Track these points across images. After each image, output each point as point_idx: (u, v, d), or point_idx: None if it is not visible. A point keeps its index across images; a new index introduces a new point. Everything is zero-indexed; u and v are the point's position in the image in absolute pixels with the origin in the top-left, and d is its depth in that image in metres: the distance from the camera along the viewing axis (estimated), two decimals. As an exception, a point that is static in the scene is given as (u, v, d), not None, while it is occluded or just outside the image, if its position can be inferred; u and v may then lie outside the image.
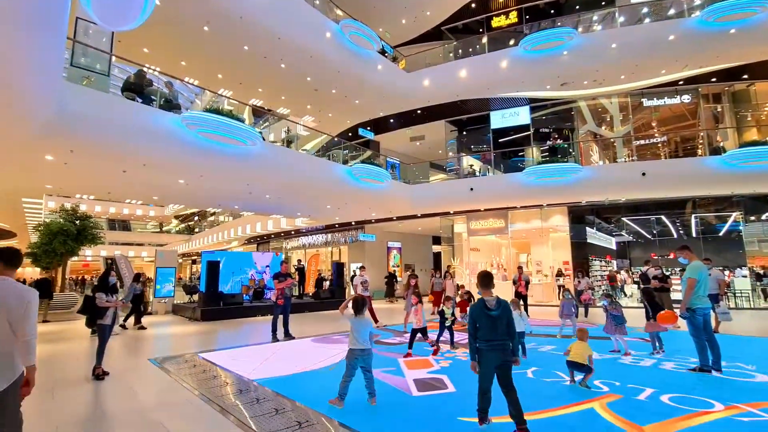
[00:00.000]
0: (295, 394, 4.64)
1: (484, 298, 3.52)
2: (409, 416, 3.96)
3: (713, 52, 12.90)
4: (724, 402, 4.13)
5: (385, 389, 4.82)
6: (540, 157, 15.45)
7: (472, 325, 3.51)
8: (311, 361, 6.47)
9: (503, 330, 3.41)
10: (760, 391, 4.58)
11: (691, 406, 4.06)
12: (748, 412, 3.89)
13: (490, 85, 15.16)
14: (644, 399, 4.31)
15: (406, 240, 22.58)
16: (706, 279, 5.54)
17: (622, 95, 15.70)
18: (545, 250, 17.27)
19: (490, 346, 3.39)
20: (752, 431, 3.47)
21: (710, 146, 14.65)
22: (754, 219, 14.80)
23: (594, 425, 3.63)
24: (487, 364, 3.40)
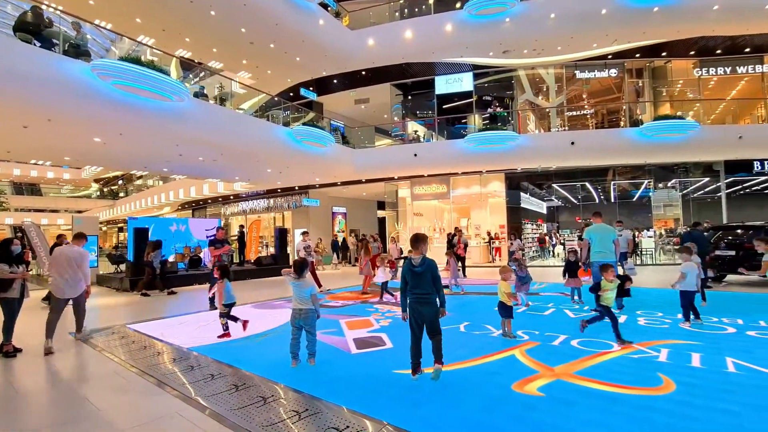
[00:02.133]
0: (234, 359, 4.57)
1: (411, 257, 3.82)
2: (345, 372, 4.09)
3: (639, 28, 13.74)
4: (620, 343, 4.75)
5: (325, 349, 4.91)
6: (481, 125, 15.87)
7: (402, 280, 3.86)
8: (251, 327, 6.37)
9: (428, 284, 3.73)
10: (649, 332, 5.32)
11: (594, 348, 4.61)
12: (639, 350, 4.52)
13: (435, 48, 15.00)
14: (557, 344, 4.82)
15: (351, 205, 22.53)
16: (599, 238, 6.83)
17: (557, 66, 16.38)
18: (484, 215, 18.18)
19: (417, 299, 3.75)
20: (638, 364, 4.05)
21: (631, 119, 15.95)
22: (661, 186, 16.63)
23: (513, 369, 4.01)
24: (416, 315, 3.77)
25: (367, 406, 3.20)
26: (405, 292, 3.84)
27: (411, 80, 17.16)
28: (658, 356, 4.30)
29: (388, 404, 3.24)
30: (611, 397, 3.27)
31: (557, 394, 3.36)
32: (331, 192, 20.23)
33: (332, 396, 3.41)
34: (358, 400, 3.33)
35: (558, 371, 3.88)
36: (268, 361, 4.55)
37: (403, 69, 16.20)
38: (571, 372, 3.85)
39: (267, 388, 3.68)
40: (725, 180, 15.39)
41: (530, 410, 3.07)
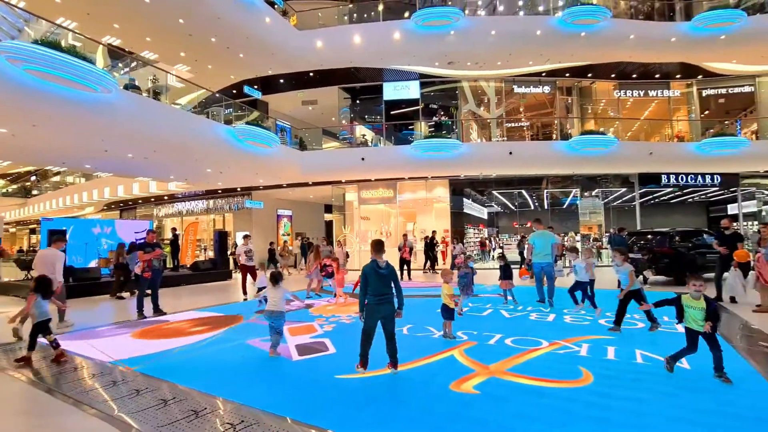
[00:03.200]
0: (163, 372, 4.25)
1: (377, 260, 4.03)
2: (286, 380, 3.99)
3: (569, 50, 15.02)
4: (549, 339, 5.12)
5: (266, 357, 4.76)
6: (427, 132, 16.35)
7: (364, 282, 4.00)
8: (183, 337, 5.98)
9: (389, 286, 4.01)
10: (574, 329, 5.80)
11: (526, 345, 4.93)
12: (564, 345, 4.90)
13: (383, 55, 15.22)
14: (493, 343, 5.08)
15: (298, 208, 22.05)
16: (541, 243, 7.83)
17: (498, 80, 17.36)
18: (429, 219, 18.68)
19: (379, 300, 3.97)
20: (563, 359, 4.40)
21: (561, 132, 17.33)
22: (587, 195, 18.20)
23: (452, 369, 4.16)
24: (374, 314, 3.99)
25: (309, 413, 3.14)
26: (366, 292, 3.99)
27: (359, 85, 17.24)
28: (579, 351, 4.69)
29: (331, 410, 3.21)
30: (538, 391, 3.51)
31: (491, 390, 3.54)
32: (277, 194, 19.66)
33: (272, 405, 3.30)
34: (299, 407, 3.26)
35: (492, 369, 4.09)
36: (204, 371, 4.30)
37: (351, 73, 16.24)
38: (504, 369, 4.08)
39: (201, 400, 3.47)
40: (639, 190, 17.24)
41: (466, 408, 3.20)
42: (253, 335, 5.88)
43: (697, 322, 3.67)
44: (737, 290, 7.56)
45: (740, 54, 15.41)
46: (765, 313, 6.45)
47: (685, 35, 14.32)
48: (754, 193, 18.56)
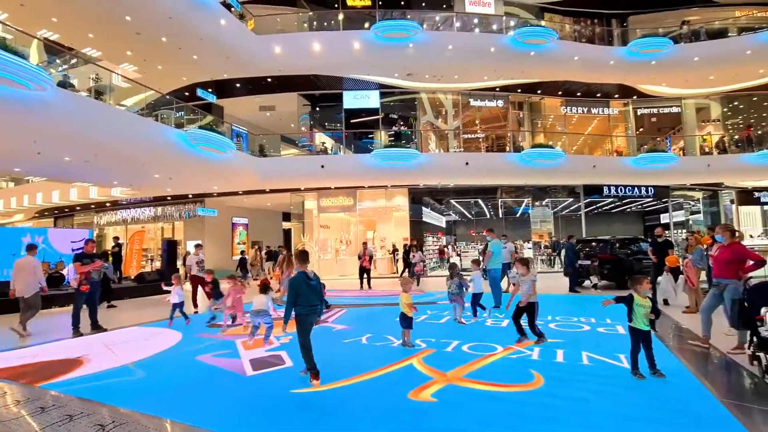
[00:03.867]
0: (101, 394, 3.90)
1: (305, 271, 4.12)
2: (239, 397, 3.80)
3: (520, 68, 15.85)
4: (503, 345, 5.28)
5: (217, 373, 4.53)
6: (387, 141, 16.52)
7: (293, 293, 4.01)
8: (124, 355, 5.54)
9: (318, 296, 4.14)
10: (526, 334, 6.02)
11: (482, 351, 5.05)
12: (517, 350, 5.08)
13: (343, 64, 15.26)
14: (451, 350, 5.16)
15: (254, 216, 21.38)
16: (499, 251, 8.62)
17: (455, 93, 17.95)
18: (389, 228, 18.80)
19: (311, 310, 4.07)
20: (516, 363, 4.55)
21: (514, 145, 18.17)
22: (538, 204, 19.16)
23: (411, 377, 4.16)
24: (306, 325, 4.06)
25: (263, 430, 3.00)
26: (294, 304, 3.99)
27: (319, 92, 17.13)
28: (531, 355, 4.88)
29: (287, 426, 3.09)
30: (494, 396, 3.60)
31: (448, 398, 3.58)
32: (232, 201, 18.95)
33: (224, 425, 3.12)
34: (253, 425, 3.11)
35: (450, 376, 4.14)
36: (149, 391, 4.00)
37: (311, 80, 16.11)
38: (460, 376, 4.14)
39: (147, 423, 3.21)
40: (584, 201, 18.42)
41: (423, 416, 3.21)
42: (204, 351, 5.57)
43: (643, 321, 3.97)
44: (669, 293, 8.24)
45: (668, 78, 17.04)
46: (693, 313, 7.07)
47: (622, 59, 15.62)
48: (682, 204, 20.44)
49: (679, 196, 19.89)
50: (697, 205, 20.78)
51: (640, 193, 18.37)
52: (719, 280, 4.95)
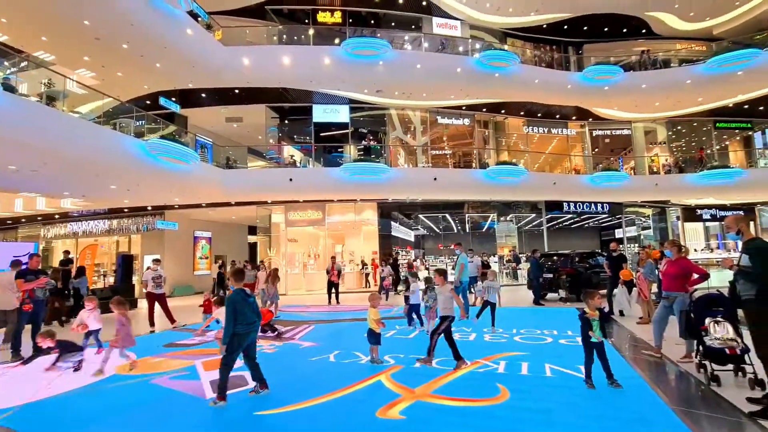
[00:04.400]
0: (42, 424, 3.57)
1: (243, 288, 4.15)
2: (200, 422, 3.60)
3: (485, 88, 16.48)
4: (470, 359, 5.33)
5: (175, 397, 4.26)
6: (357, 155, 16.59)
7: (233, 312, 3.90)
8: (70, 379, 5.12)
9: (256, 313, 4.14)
10: (493, 347, 6.12)
11: (450, 366, 5.06)
12: (484, 364, 5.14)
13: (313, 78, 15.28)
14: (419, 366, 5.15)
15: (218, 229, 20.67)
16: (466, 262, 9.10)
17: (423, 110, 18.37)
18: (358, 242, 18.73)
19: (251, 328, 4.05)
20: (482, 377, 4.60)
21: (480, 162, 18.75)
22: (503, 219, 19.75)
23: (379, 395, 4.10)
24: (242, 343, 3.99)
25: (220, 459, 2.84)
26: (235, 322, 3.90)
27: (288, 105, 17.02)
28: (497, 368, 4.95)
29: (245, 453, 2.94)
30: (461, 411, 3.61)
31: (417, 414, 3.55)
32: (194, 214, 18.26)
33: (176, 454, 2.93)
34: (208, 454, 2.94)
35: (418, 392, 4.12)
36: (98, 419, 3.70)
37: (280, 93, 15.99)
38: (428, 392, 4.13)
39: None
40: (546, 216, 19.19)
41: (391, 435, 3.16)
42: (160, 374, 5.24)
43: (594, 334, 4.13)
44: (624, 305, 8.67)
45: (619, 103, 18.29)
46: (646, 324, 7.45)
47: (578, 84, 16.64)
48: (634, 220, 21.73)
49: (632, 212, 21.15)
50: (648, 221, 22.16)
51: (596, 209, 19.40)
52: (668, 293, 5.27)
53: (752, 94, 17.53)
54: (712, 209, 20.74)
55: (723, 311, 4.49)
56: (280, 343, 6.97)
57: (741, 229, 3.71)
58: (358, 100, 16.96)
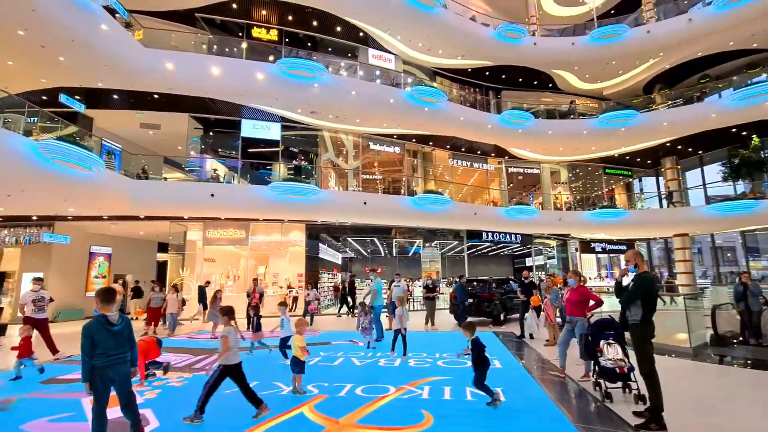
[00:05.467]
0: None
1: (106, 314, 3.44)
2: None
3: (415, 120, 17.37)
4: (395, 385, 5.32)
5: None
6: (286, 174, 16.16)
7: (89, 343, 3.30)
8: None
9: (125, 343, 3.49)
10: (418, 372, 6.20)
11: (375, 393, 5.00)
12: (409, 390, 5.16)
13: (244, 92, 14.76)
14: (344, 395, 4.99)
15: (121, 245, 18.40)
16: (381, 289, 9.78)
17: (356, 135, 18.70)
18: (283, 263, 17.99)
19: (112, 362, 3.36)
20: (407, 404, 4.61)
21: (408, 189, 19.46)
22: (428, 245, 20.53)
23: (301, 428, 3.88)
24: (106, 380, 3.34)
25: None
26: (91, 355, 3.28)
27: (215, 117, 16.12)
28: (422, 394, 5.00)
29: None
30: (386, 441, 3.54)
31: (341, 448, 3.41)
32: (92, 227, 16.09)
33: None
34: None
35: (342, 423, 3.97)
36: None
37: (206, 103, 15.12)
38: (353, 422, 4.01)
39: None
40: (467, 243, 20.38)
41: (314, 473, 2.97)
42: (34, 415, 4.38)
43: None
44: (533, 328, 9.43)
45: (530, 145, 20.51)
46: (553, 346, 8.17)
47: (497, 125, 18.36)
48: (541, 250, 24.07)
49: (539, 243, 23.43)
50: (552, 252, 24.70)
51: (510, 239, 21.16)
52: (571, 318, 5.86)
53: (631, 148, 20.88)
54: (603, 243, 23.86)
55: (614, 334, 5.11)
56: (189, 375, 6.30)
57: (637, 262, 4.32)
58: (290, 118, 16.71)
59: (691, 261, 21.18)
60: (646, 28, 18.37)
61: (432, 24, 16.65)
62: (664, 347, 7.63)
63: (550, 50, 19.14)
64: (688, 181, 22.71)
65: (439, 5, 16.46)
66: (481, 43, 18.24)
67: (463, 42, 18.03)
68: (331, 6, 15.65)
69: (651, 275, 4.39)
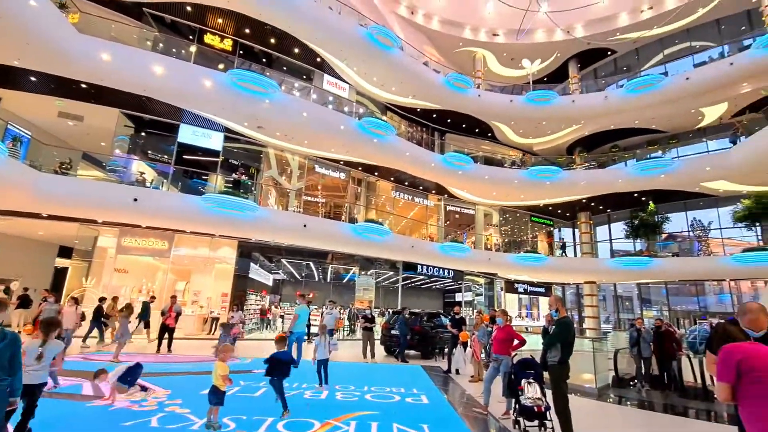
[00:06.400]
0: None
1: None
2: None
3: (364, 150, 17.65)
4: (320, 419, 5.06)
5: None
6: (223, 187, 15.32)
7: None
8: None
9: (5, 367, 2.88)
10: (345, 406, 5.96)
11: (297, 429, 4.69)
12: (335, 426, 4.93)
13: (187, 96, 13.98)
14: (264, 430, 4.62)
15: (11, 245, 15.85)
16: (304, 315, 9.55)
17: (303, 156, 18.48)
18: (207, 280, 16.70)
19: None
20: (335, 442, 4.38)
21: (350, 216, 19.45)
22: (364, 273, 20.44)
23: (211, 470, 3.47)
24: None
25: None
26: None
27: (150, 117, 14.99)
28: (348, 429, 4.79)
29: None
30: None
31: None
32: (-24, 222, 13.72)
33: None
34: None
35: (261, 463, 3.65)
36: None
37: (142, 101, 14.04)
38: (273, 461, 3.70)
39: None
40: (402, 275, 20.63)
41: None
42: None
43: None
44: (460, 363, 9.65)
45: (468, 187, 21.81)
46: (478, 382, 8.39)
47: (439, 164, 19.33)
48: (471, 287, 25.14)
49: (470, 280, 24.50)
50: (480, 289, 25.91)
51: (443, 273, 21.86)
52: (497, 356, 6.11)
53: (554, 200, 23.11)
54: (525, 284, 25.61)
55: (534, 373, 5.40)
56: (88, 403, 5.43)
57: (558, 307, 4.67)
58: (235, 130, 16.08)
59: (598, 307, 23.47)
60: (572, 98, 20.95)
61: (388, 62, 17.42)
62: (573, 387, 8.21)
63: (492, 103, 20.92)
64: (598, 235, 25.54)
65: (396, 46, 17.34)
66: (432, 87, 19.41)
67: (415, 83, 19.05)
68: (291, 28, 15.73)
69: (570, 320, 4.76)
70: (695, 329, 8.49)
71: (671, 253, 21.00)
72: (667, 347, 8.93)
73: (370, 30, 16.73)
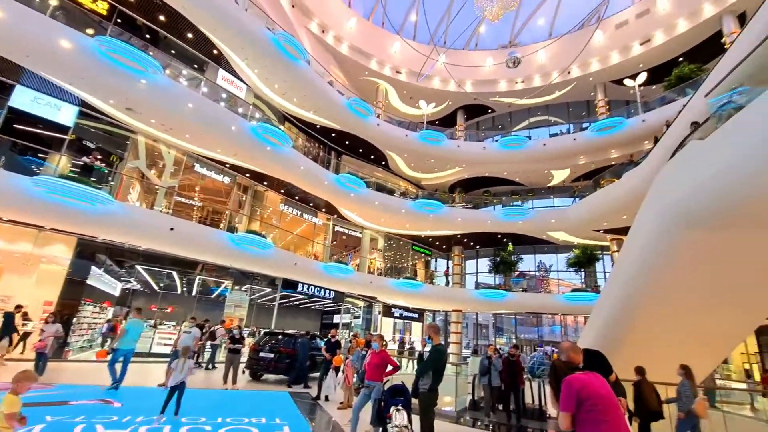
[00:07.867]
0: None
1: None
2: None
3: (255, 156, 16.38)
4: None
5: None
6: (69, 170, 12.50)
7: None
8: None
9: None
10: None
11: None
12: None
13: (35, 53, 11.20)
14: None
15: None
16: (135, 330, 8.57)
17: (181, 151, 16.37)
18: (27, 283, 13.16)
19: None
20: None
21: (229, 224, 17.77)
22: (237, 288, 18.70)
23: None
24: None
25: None
26: None
27: (-27, 68, 11.58)
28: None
29: None
30: None
31: None
32: None
33: None
34: None
35: None
36: None
37: (-36, 46, 10.78)
38: None
39: None
40: (280, 293, 19.48)
41: None
42: None
43: None
44: (330, 389, 9.25)
45: (358, 210, 22.13)
46: (346, 409, 8.09)
47: (333, 184, 19.23)
48: (350, 309, 25.08)
49: (349, 302, 24.46)
50: (359, 312, 26.07)
51: (324, 294, 21.37)
52: (369, 382, 5.95)
53: (435, 232, 24.99)
54: (401, 309, 26.69)
55: (403, 400, 5.38)
56: None
57: (431, 334, 4.75)
58: (96, 107, 13.48)
59: (462, 333, 25.68)
60: (457, 143, 23.37)
61: (293, 73, 16.97)
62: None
63: (389, 134, 21.98)
64: (468, 267, 28.34)
65: (303, 59, 17.05)
66: (334, 107, 19.49)
67: (318, 100, 18.91)
68: (187, 10, 14.21)
69: (444, 348, 4.90)
70: (534, 356, 9.70)
71: (521, 289, 24.43)
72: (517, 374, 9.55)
73: (277, 36, 16.13)
